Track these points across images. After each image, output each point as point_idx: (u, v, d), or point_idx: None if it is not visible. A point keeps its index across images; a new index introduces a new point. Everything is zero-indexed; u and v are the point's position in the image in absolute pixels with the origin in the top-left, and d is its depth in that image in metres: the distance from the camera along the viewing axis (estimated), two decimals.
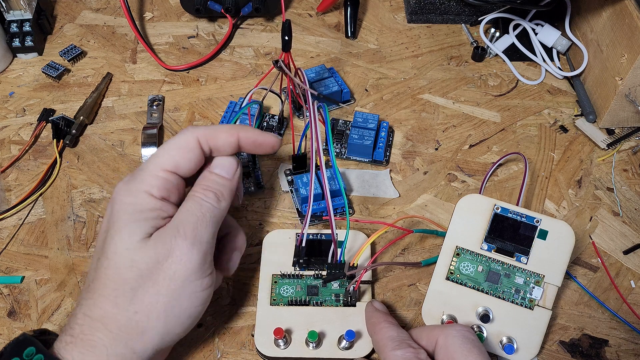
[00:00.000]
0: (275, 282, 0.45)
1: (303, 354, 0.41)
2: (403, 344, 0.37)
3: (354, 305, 0.43)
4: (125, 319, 0.34)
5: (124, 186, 0.37)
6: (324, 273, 0.45)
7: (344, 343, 0.41)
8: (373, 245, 0.49)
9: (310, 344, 0.41)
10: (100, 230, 0.37)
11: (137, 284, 0.34)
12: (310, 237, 0.46)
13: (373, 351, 0.42)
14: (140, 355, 0.34)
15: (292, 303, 0.43)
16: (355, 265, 0.43)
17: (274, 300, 0.44)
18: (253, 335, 0.43)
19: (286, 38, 0.46)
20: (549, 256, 0.42)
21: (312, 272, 0.45)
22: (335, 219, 0.42)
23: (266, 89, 0.50)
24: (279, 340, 0.41)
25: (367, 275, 0.45)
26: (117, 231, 0.35)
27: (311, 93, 0.45)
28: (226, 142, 0.39)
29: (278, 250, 0.46)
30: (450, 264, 0.43)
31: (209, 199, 0.37)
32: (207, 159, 0.40)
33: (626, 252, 0.49)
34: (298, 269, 0.45)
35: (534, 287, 0.42)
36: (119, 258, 0.35)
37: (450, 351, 0.36)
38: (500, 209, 0.44)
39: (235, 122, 0.47)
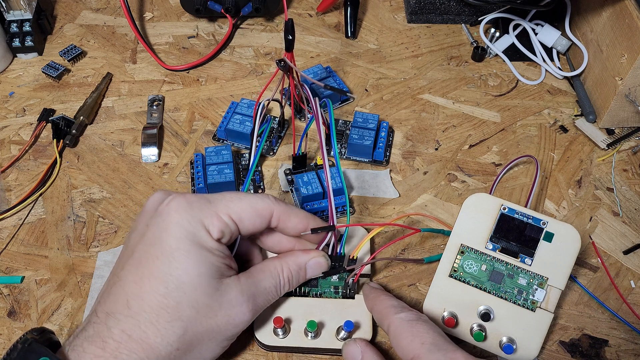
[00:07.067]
0: None
1: (302, 344, 0.41)
2: (405, 308, 0.39)
3: (353, 298, 0.43)
4: (166, 352, 0.34)
5: (184, 207, 0.36)
6: None
7: (342, 334, 0.41)
8: (374, 242, 0.49)
9: (309, 334, 0.41)
10: (145, 242, 0.36)
11: (190, 323, 0.35)
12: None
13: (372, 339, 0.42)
14: None
15: (291, 294, 0.44)
16: (355, 258, 0.43)
17: None
18: (253, 335, 0.43)
19: (290, 37, 0.46)
20: (553, 259, 0.42)
21: None
22: (334, 215, 0.42)
23: (268, 100, 0.49)
24: (278, 330, 0.41)
25: (366, 269, 0.45)
26: (180, 260, 0.35)
27: (318, 86, 0.44)
28: (295, 227, 0.41)
29: None
30: (454, 262, 0.43)
31: (282, 290, 0.40)
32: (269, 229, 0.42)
33: (626, 252, 0.49)
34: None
35: (536, 289, 0.42)
36: (181, 294, 0.34)
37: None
38: (507, 210, 0.44)
39: (261, 133, 0.48)
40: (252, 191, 0.51)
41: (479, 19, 0.65)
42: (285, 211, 0.40)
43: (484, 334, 0.41)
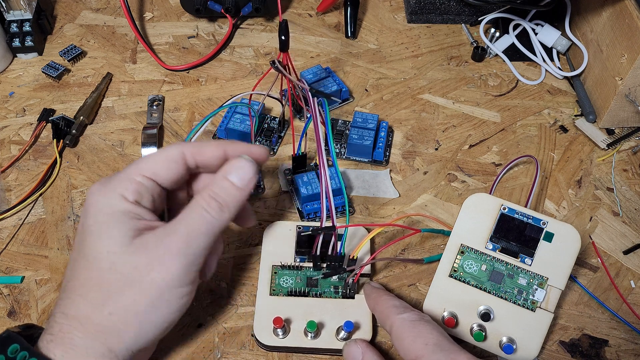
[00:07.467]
0: (275, 272, 0.45)
1: (301, 344, 0.41)
2: (407, 308, 0.39)
3: (353, 298, 0.44)
4: (100, 319, 0.34)
5: (99, 187, 0.37)
6: (324, 265, 0.45)
7: (342, 334, 0.41)
8: (374, 242, 0.49)
9: (309, 334, 0.41)
10: (77, 231, 0.37)
11: (114, 287, 0.34)
12: (311, 230, 0.46)
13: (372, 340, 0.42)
14: (117, 354, 0.34)
15: (291, 294, 0.44)
16: (355, 258, 0.43)
17: (274, 290, 0.44)
18: (253, 335, 0.43)
19: (283, 38, 0.46)
20: (553, 259, 0.42)
21: (311, 264, 0.45)
22: (334, 215, 0.42)
23: (264, 94, 0.49)
24: (278, 330, 0.41)
25: (366, 269, 0.45)
26: (95, 232, 0.35)
27: (308, 89, 0.45)
28: (212, 156, 0.38)
29: (278, 242, 0.46)
30: (454, 262, 0.43)
31: (211, 210, 0.36)
32: (195, 175, 0.40)
33: (626, 252, 0.49)
34: (299, 260, 0.45)
35: (536, 289, 0.42)
36: (98, 261, 0.35)
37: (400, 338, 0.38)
38: (507, 210, 0.44)
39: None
40: (252, 190, 0.51)
41: (479, 19, 0.65)
42: (196, 146, 0.38)
43: (484, 334, 0.41)
